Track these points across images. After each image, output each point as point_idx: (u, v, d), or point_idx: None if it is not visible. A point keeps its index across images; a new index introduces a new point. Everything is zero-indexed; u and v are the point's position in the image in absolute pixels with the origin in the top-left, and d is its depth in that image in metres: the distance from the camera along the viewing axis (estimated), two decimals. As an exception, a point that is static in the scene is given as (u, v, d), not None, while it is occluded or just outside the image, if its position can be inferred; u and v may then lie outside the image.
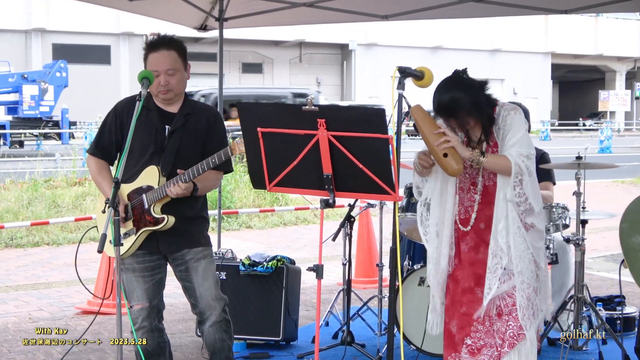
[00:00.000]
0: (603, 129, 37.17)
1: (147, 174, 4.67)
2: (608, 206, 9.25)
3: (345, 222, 6.15)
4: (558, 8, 7.73)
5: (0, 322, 7.31)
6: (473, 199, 4.33)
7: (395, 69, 4.06)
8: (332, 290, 7.93)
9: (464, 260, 4.38)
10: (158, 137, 4.71)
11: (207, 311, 4.80)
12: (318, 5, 7.55)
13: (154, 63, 4.67)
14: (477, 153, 4.18)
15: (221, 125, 4.89)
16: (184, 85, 4.80)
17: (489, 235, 4.28)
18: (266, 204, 14.14)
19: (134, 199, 4.68)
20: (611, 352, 6.00)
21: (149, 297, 4.78)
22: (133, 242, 4.66)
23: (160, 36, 4.76)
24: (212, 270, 4.85)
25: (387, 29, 46.64)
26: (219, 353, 4.89)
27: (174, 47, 4.71)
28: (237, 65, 49.32)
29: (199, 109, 4.86)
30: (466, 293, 4.35)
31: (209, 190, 4.90)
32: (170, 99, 4.74)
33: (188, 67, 4.82)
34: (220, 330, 4.85)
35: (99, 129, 4.94)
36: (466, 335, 4.32)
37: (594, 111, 60.85)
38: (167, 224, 4.63)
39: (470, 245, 4.36)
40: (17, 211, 12.44)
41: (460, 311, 4.37)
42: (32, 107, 31.14)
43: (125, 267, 4.74)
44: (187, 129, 4.75)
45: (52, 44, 43.32)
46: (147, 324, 4.78)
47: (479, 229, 4.33)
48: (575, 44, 57.59)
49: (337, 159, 4.06)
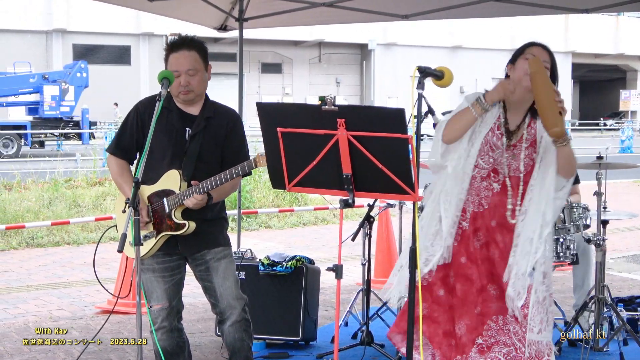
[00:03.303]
0: (624, 128, 36.92)
1: (168, 177, 4.66)
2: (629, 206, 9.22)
3: (365, 222, 6.15)
4: (579, 7, 7.70)
5: (21, 320, 7.36)
6: (491, 188, 4.28)
7: (415, 69, 4.04)
8: (352, 290, 7.93)
9: (475, 257, 4.29)
10: (178, 139, 4.71)
11: (227, 311, 4.81)
12: (337, 5, 7.54)
13: (174, 63, 4.67)
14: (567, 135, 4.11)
15: (241, 130, 4.87)
16: (205, 86, 4.79)
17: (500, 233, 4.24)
18: (285, 204, 14.15)
19: (155, 202, 4.67)
20: (632, 352, 5.97)
21: (168, 297, 4.79)
22: (153, 245, 4.67)
23: (181, 37, 4.75)
24: (232, 270, 4.85)
25: (407, 28, 46.55)
26: (239, 352, 4.90)
27: (195, 47, 4.71)
28: (256, 65, 49.40)
29: (220, 112, 4.83)
30: (481, 292, 4.25)
31: (226, 197, 4.89)
32: (191, 100, 4.73)
33: (209, 68, 4.81)
34: (240, 330, 4.85)
35: (119, 128, 4.93)
36: (478, 335, 4.21)
37: (614, 111, 60.45)
38: (189, 230, 4.63)
39: (482, 242, 4.29)
40: (37, 211, 12.52)
41: (474, 312, 4.24)
42: (53, 108, 31.27)
43: (145, 268, 4.75)
44: (208, 132, 4.73)
45: (72, 45, 43.54)
46: (166, 324, 4.79)
47: (490, 226, 4.28)
48: (595, 43, 57.27)
49: (356, 159, 4.05)
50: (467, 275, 4.30)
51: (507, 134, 4.27)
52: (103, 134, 31.55)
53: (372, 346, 6.08)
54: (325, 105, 4.02)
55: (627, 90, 59.13)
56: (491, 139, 4.28)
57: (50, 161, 18.85)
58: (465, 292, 4.29)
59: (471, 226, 4.32)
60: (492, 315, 4.21)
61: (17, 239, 11.25)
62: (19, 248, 11.10)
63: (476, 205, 4.31)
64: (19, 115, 33.85)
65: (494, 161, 4.27)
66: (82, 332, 6.89)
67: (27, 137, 29.49)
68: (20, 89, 31.45)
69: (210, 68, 4.83)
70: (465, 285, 4.30)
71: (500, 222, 4.26)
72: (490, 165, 4.28)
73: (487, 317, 4.21)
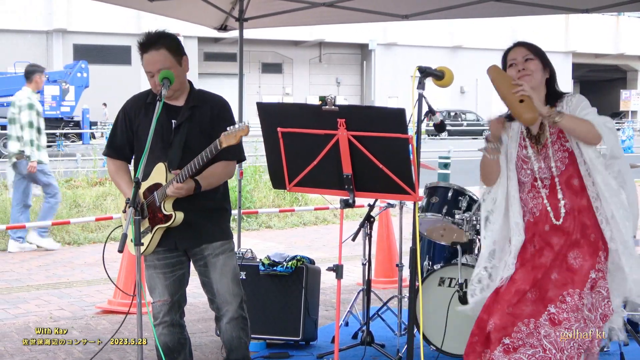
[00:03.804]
0: (624, 128, 36.90)
1: (156, 170, 4.66)
2: (629, 206, 9.20)
3: (365, 222, 6.15)
4: (579, 7, 7.69)
5: (21, 320, 7.36)
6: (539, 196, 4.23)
7: (416, 69, 4.04)
8: (352, 291, 7.92)
9: (527, 263, 4.21)
10: (164, 132, 4.70)
11: (223, 307, 4.83)
12: (338, 5, 7.54)
13: (146, 65, 4.67)
14: (555, 110, 4.09)
15: (227, 114, 4.80)
16: (182, 80, 4.73)
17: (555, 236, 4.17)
18: (286, 204, 14.14)
19: (148, 197, 4.69)
20: (633, 352, 5.97)
21: (170, 293, 4.81)
22: (150, 240, 4.67)
23: (147, 35, 4.69)
24: (231, 265, 4.84)
25: (407, 28, 46.57)
26: (236, 351, 4.91)
27: (162, 45, 4.64)
28: (256, 65, 49.39)
29: (204, 100, 4.80)
30: (519, 294, 4.15)
31: (220, 183, 4.81)
32: (170, 96, 4.71)
33: (184, 60, 4.74)
34: (237, 327, 4.87)
35: (111, 130, 4.97)
36: (506, 335, 4.11)
37: (615, 111, 60.32)
38: (176, 221, 4.62)
39: (537, 247, 4.22)
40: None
41: (505, 310, 4.14)
42: (53, 108, 31.28)
43: (146, 264, 4.79)
44: (193, 121, 4.71)
45: (73, 45, 43.52)
46: (168, 319, 4.81)
47: (543, 231, 4.20)
48: (596, 43, 57.24)
49: (357, 159, 4.06)
50: (512, 278, 4.22)
51: (533, 139, 4.24)
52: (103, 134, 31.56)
53: (372, 346, 6.08)
54: (325, 105, 4.02)
55: (627, 90, 59.06)
56: (521, 153, 4.27)
57: (50, 161, 18.79)
58: (504, 291, 4.21)
59: (527, 234, 4.26)
60: (524, 318, 4.11)
61: (17, 239, 11.24)
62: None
63: (528, 214, 4.27)
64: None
65: (532, 171, 4.24)
66: (82, 332, 6.89)
67: (28, 137, 29.45)
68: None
69: (185, 59, 4.76)
70: (506, 285, 4.22)
71: (552, 225, 4.18)
72: (530, 177, 4.25)
73: (519, 319, 4.11)
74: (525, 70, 4.22)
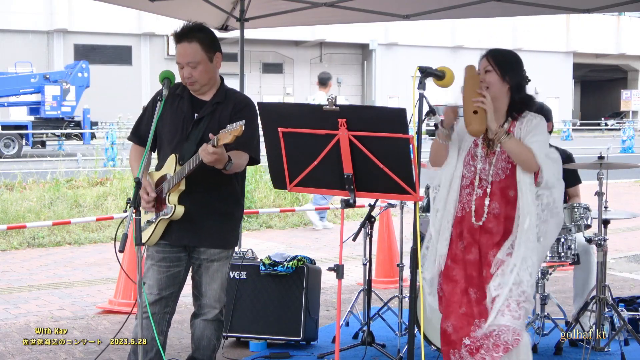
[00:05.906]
0: (625, 128, 36.86)
1: (168, 162, 4.68)
2: (630, 206, 9.20)
3: (366, 222, 6.15)
4: (580, 7, 7.69)
5: (22, 320, 7.36)
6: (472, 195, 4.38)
7: (416, 69, 4.05)
8: (353, 291, 7.92)
9: (458, 260, 4.41)
10: (185, 125, 4.71)
11: (205, 309, 4.90)
12: (339, 5, 7.54)
13: (177, 55, 4.68)
14: (503, 130, 4.25)
15: (248, 113, 4.68)
16: (210, 76, 4.72)
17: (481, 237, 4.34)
18: (286, 203, 14.13)
19: (158, 187, 4.71)
20: (633, 352, 5.97)
21: (159, 287, 4.79)
22: (153, 230, 4.68)
23: (183, 27, 4.69)
24: (222, 272, 4.89)
25: (408, 28, 46.53)
26: (204, 350, 4.96)
27: (195, 38, 4.64)
28: (257, 65, 49.39)
29: (230, 97, 4.79)
30: (464, 294, 4.36)
31: (241, 168, 4.71)
32: (197, 90, 4.73)
33: (217, 56, 4.73)
34: (211, 328, 4.92)
35: (139, 116, 4.96)
36: (465, 335, 4.32)
37: (616, 111, 60.36)
38: (175, 214, 4.62)
39: (465, 244, 4.40)
40: (39, 211, 12.51)
41: (458, 311, 4.36)
42: (54, 108, 31.25)
43: (147, 254, 4.82)
44: (214, 117, 4.70)
45: (73, 45, 43.50)
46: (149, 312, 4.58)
47: (472, 229, 4.37)
48: (597, 43, 57.18)
49: (357, 159, 4.06)
50: (451, 276, 4.42)
51: (487, 142, 4.38)
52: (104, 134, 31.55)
53: (373, 346, 6.08)
54: (326, 105, 4.02)
55: (628, 90, 59.03)
56: (473, 149, 4.42)
57: (51, 161, 18.83)
58: (450, 292, 4.41)
59: (455, 230, 4.43)
60: (475, 319, 4.30)
61: (18, 239, 11.24)
62: (20, 248, 11.09)
63: (459, 210, 4.42)
64: (20, 115, 33.83)
65: (475, 169, 4.38)
66: (83, 332, 6.89)
67: (29, 137, 29.46)
68: (21, 89, 31.43)
69: (218, 56, 4.74)
70: (449, 286, 4.42)
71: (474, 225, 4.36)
72: (472, 173, 4.39)
73: (473, 318, 4.31)
74: (483, 82, 4.34)
